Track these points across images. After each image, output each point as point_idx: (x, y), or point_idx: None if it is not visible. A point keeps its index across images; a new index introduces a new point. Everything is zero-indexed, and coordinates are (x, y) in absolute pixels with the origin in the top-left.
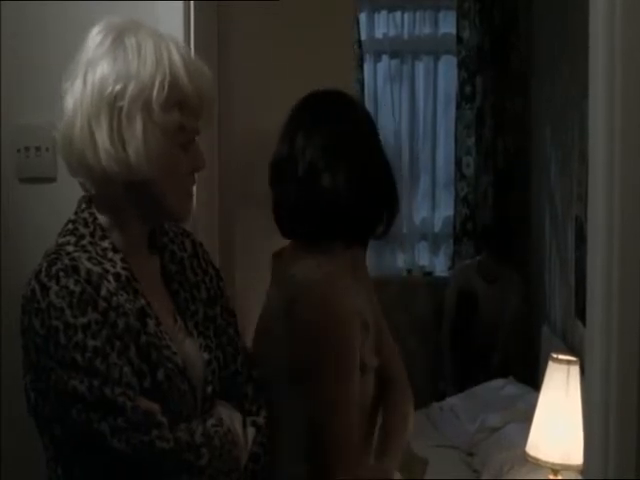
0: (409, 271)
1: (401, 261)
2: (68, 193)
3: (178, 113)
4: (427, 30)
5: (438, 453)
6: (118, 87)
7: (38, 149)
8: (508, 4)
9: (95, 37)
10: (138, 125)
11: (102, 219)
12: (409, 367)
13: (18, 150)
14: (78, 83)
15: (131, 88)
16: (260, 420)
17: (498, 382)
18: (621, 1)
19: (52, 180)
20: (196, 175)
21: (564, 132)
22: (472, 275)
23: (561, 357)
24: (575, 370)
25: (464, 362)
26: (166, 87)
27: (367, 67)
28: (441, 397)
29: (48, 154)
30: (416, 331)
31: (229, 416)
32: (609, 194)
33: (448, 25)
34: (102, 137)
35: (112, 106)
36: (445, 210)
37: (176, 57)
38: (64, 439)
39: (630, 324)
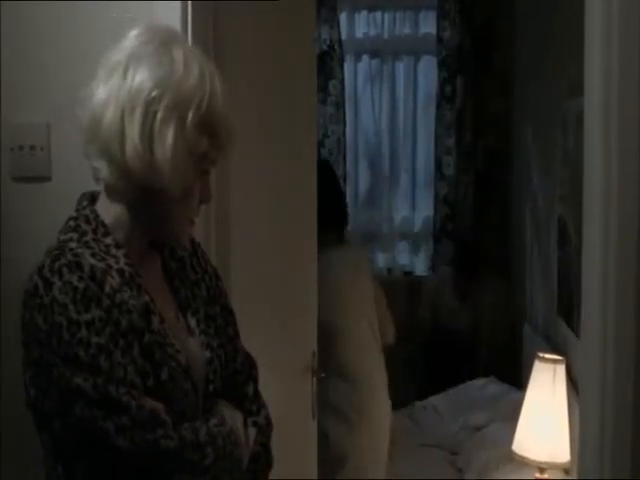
0: (389, 270)
1: (381, 260)
2: (63, 192)
3: (207, 141)
4: (407, 30)
5: (422, 452)
6: (155, 93)
7: (33, 148)
8: (489, 4)
9: (139, 37)
10: (170, 134)
11: (105, 215)
12: (391, 366)
13: (12, 149)
14: (117, 76)
15: (169, 97)
16: (261, 420)
17: (480, 381)
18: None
19: (47, 179)
20: None
21: (547, 132)
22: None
23: (547, 356)
24: (561, 369)
25: (445, 361)
26: (203, 108)
27: (347, 67)
28: (423, 396)
29: (43, 153)
30: (397, 330)
31: (231, 416)
32: (605, 208)
33: (428, 25)
34: (132, 132)
35: (148, 108)
36: (425, 210)
37: (218, 85)
38: (64, 435)
39: (626, 324)
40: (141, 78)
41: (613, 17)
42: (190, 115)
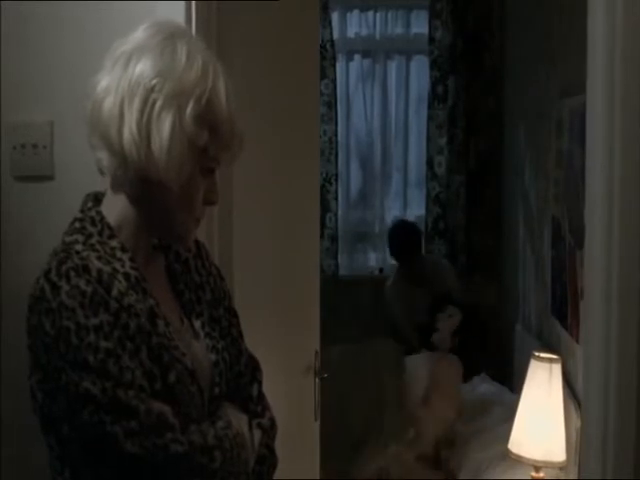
0: (381, 270)
1: (373, 260)
2: (65, 192)
3: (207, 134)
4: (399, 30)
5: None
6: (155, 81)
7: (35, 146)
8: (481, 4)
9: (147, 30)
10: (168, 123)
11: (110, 216)
12: (379, 366)
13: (14, 148)
14: (119, 65)
15: (169, 86)
16: (265, 422)
17: (473, 380)
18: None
19: (49, 178)
20: None
21: (540, 132)
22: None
23: (543, 355)
24: (557, 368)
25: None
26: (204, 101)
27: (339, 66)
28: None
29: (45, 152)
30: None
31: (236, 418)
32: (608, 223)
33: (420, 25)
34: (131, 120)
35: (147, 96)
36: (417, 209)
37: (220, 81)
38: (72, 440)
39: (628, 324)
40: (143, 67)
41: (616, 16)
42: (190, 106)
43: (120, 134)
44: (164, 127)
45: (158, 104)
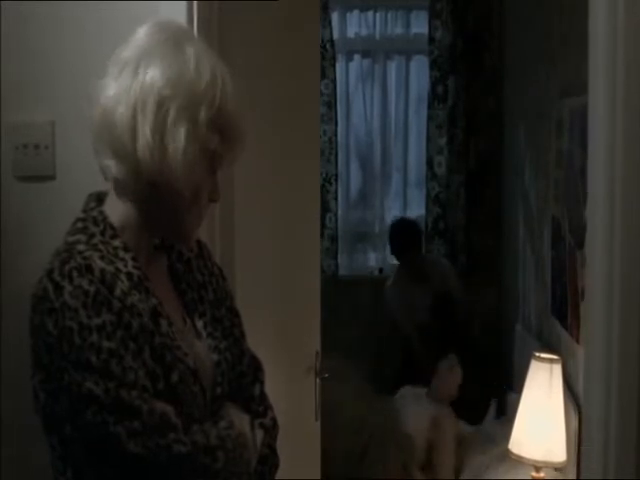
0: (381, 270)
1: (373, 260)
2: (67, 192)
3: (218, 138)
4: (399, 30)
5: None
6: (167, 92)
7: (37, 147)
8: (481, 4)
9: (149, 31)
10: (182, 133)
11: (112, 216)
12: (380, 365)
13: (16, 147)
14: (128, 72)
15: (181, 95)
16: (267, 422)
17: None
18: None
19: (51, 179)
20: None
21: (540, 132)
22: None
23: (544, 356)
24: (557, 369)
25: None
26: (215, 106)
27: (339, 66)
28: None
29: (47, 152)
30: (387, 330)
31: (238, 418)
32: (609, 225)
33: (420, 25)
34: (145, 129)
35: (160, 106)
36: (417, 209)
37: (228, 84)
38: (75, 440)
39: (630, 324)
40: (153, 76)
41: (618, 16)
42: (202, 114)
43: (134, 143)
44: (179, 136)
45: (171, 114)
